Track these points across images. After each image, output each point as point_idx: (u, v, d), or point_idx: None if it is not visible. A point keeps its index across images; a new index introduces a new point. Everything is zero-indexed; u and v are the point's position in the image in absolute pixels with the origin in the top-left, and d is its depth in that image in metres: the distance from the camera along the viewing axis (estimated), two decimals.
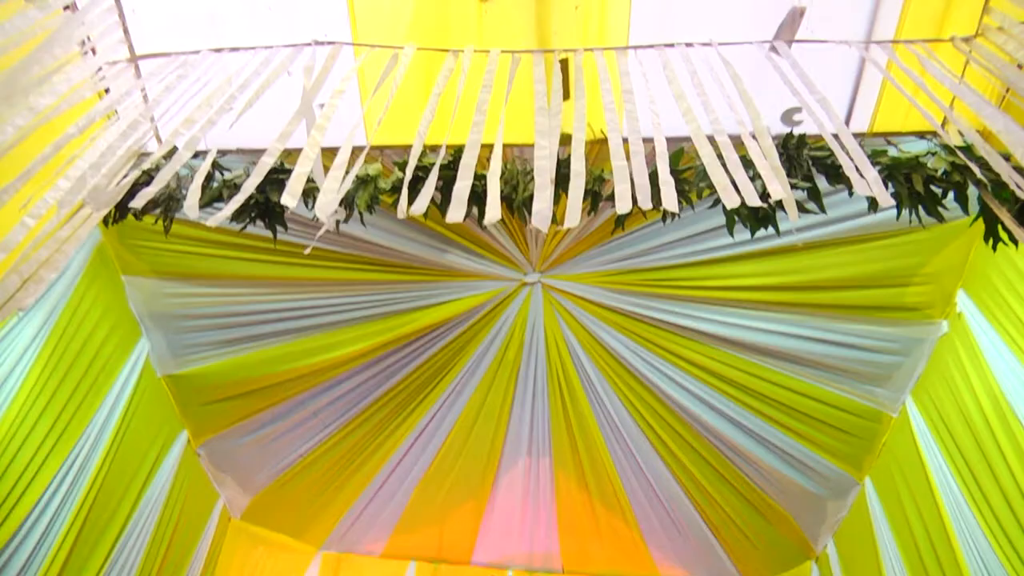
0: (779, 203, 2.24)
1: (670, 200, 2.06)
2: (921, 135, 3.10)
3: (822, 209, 2.74)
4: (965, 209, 2.80)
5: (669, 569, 5.76)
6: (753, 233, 2.77)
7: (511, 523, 5.68)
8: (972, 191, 2.79)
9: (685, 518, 5.39)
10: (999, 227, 2.84)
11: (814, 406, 4.36)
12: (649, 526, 5.52)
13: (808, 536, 5.28)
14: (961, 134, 2.72)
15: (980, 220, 2.90)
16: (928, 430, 3.91)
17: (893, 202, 2.20)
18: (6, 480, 3.31)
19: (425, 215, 2.43)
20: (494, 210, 2.19)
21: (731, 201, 2.06)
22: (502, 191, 2.87)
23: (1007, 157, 2.45)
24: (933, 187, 2.78)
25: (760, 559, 5.54)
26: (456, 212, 2.24)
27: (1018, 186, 2.32)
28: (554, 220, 2.51)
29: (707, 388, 4.52)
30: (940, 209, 2.81)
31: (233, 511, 5.58)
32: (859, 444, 4.48)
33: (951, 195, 2.82)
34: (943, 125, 2.81)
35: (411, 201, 2.30)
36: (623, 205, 2.02)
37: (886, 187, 2.71)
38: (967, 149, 2.75)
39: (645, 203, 2.04)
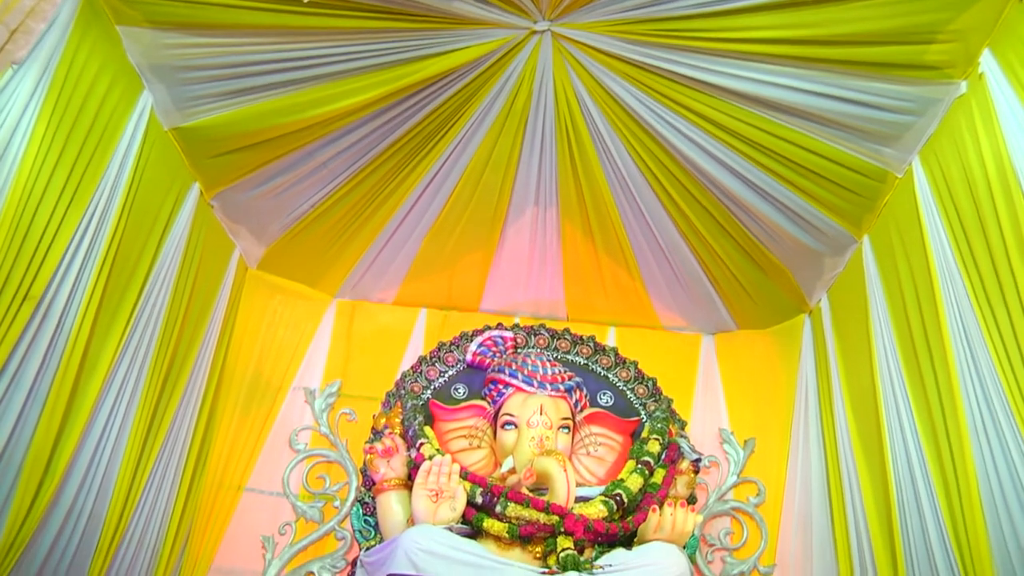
0: None
1: None
2: None
3: None
4: None
5: (669, 319, 6.03)
6: None
7: (518, 272, 5.88)
8: None
9: (687, 270, 5.56)
10: None
11: (820, 163, 4.34)
12: (651, 277, 5.71)
13: (804, 290, 5.47)
14: None
15: None
16: (931, 192, 3.92)
17: None
18: (32, 234, 3.39)
19: None
20: None
21: None
22: None
23: None
24: None
25: (756, 311, 5.78)
26: None
27: None
28: None
29: (714, 141, 4.48)
30: None
31: (249, 261, 5.79)
32: (861, 203, 4.51)
33: None
34: None
35: None
36: None
37: None
38: None
39: None
